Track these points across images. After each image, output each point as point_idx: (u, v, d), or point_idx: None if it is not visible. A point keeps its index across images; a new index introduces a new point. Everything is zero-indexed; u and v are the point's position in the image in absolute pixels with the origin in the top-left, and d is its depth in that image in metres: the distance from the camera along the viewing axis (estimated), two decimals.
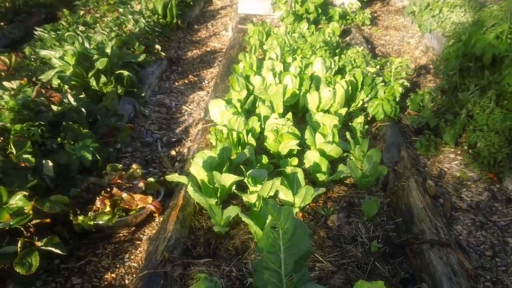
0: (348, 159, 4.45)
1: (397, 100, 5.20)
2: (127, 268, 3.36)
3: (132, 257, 3.47)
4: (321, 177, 4.02)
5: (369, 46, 7.96)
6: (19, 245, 2.92)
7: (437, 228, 3.41)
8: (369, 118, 5.32)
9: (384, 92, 5.22)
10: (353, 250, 3.31)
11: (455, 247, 3.32)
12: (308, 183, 3.94)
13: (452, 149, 4.94)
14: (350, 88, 5.26)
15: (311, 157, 4.13)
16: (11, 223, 2.97)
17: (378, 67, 6.08)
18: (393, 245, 3.44)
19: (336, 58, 6.10)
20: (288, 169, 3.85)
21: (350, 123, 4.98)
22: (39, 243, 3.03)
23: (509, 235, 3.69)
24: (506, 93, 4.40)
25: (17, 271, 2.80)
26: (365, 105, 5.43)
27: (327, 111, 5.08)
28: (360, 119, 4.89)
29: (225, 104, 4.75)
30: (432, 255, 3.12)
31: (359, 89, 5.42)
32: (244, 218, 3.21)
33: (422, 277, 3.04)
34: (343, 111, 5.00)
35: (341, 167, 4.11)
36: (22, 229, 3.07)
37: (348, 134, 4.47)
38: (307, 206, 3.81)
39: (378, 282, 1.85)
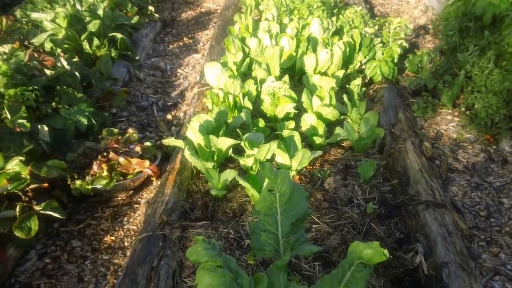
0: (345, 121, 4.44)
1: (395, 61, 5.15)
2: (126, 230, 3.40)
3: (130, 220, 3.50)
4: (318, 140, 4.02)
5: (368, 6, 7.82)
6: (17, 209, 2.93)
7: (433, 189, 3.43)
8: (366, 80, 5.28)
9: (382, 54, 5.16)
10: (349, 211, 3.34)
11: (450, 208, 3.36)
12: (305, 146, 3.94)
13: (450, 111, 4.93)
14: (348, 49, 5.19)
15: (308, 120, 4.12)
16: (9, 188, 2.98)
17: (376, 27, 5.99)
18: (388, 206, 3.47)
19: (334, 18, 6.00)
20: (285, 132, 3.85)
21: (347, 85, 4.94)
22: (37, 208, 3.05)
23: (504, 195, 3.73)
24: (506, 54, 4.35)
25: (17, 235, 2.83)
26: (363, 67, 5.37)
27: (325, 74, 5.03)
28: (357, 81, 4.85)
29: (221, 67, 4.70)
30: (427, 216, 3.15)
31: (357, 51, 5.35)
32: (241, 181, 3.23)
33: (417, 237, 3.09)
34: (341, 73, 4.95)
35: (338, 130, 4.11)
36: (20, 194, 3.08)
37: (345, 97, 4.45)
38: (304, 169, 3.82)
39: (373, 242, 1.87)
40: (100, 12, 5.58)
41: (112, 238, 3.33)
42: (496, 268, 3.02)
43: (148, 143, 3.97)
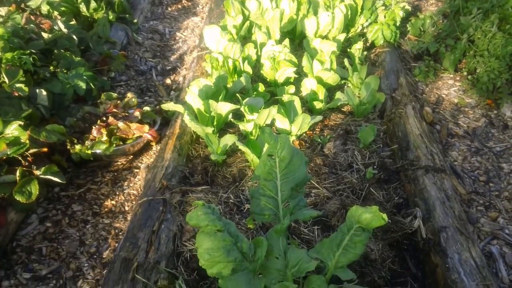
0: (345, 86, 4.40)
1: (398, 24, 5.06)
2: (126, 195, 3.42)
3: (131, 184, 3.51)
4: (318, 105, 3.99)
5: None
6: (17, 174, 2.94)
7: (433, 154, 3.43)
8: (368, 44, 5.21)
9: (384, 17, 5.07)
10: (349, 176, 3.35)
11: (450, 173, 3.37)
12: (305, 111, 3.92)
13: (451, 75, 4.89)
14: (349, 12, 5.10)
15: (308, 84, 4.08)
16: (8, 153, 2.97)
17: None
18: (388, 171, 3.48)
19: None
20: (285, 97, 3.82)
21: (348, 49, 4.88)
22: (37, 172, 3.05)
23: (504, 160, 3.73)
24: (509, 17, 4.27)
25: (17, 199, 2.84)
26: (365, 31, 5.29)
27: (325, 37, 4.96)
28: (359, 45, 4.78)
29: (220, 30, 4.62)
30: (426, 181, 3.16)
31: (359, 14, 5.26)
32: (241, 147, 3.22)
33: (415, 202, 3.10)
34: (342, 37, 4.88)
35: (338, 94, 4.08)
36: (20, 158, 3.08)
37: (346, 61, 4.39)
38: (304, 134, 3.81)
39: (372, 207, 1.87)
40: None
41: (113, 202, 3.35)
42: (494, 232, 3.05)
43: (147, 108, 3.95)
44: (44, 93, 3.56)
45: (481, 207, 3.29)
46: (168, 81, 4.86)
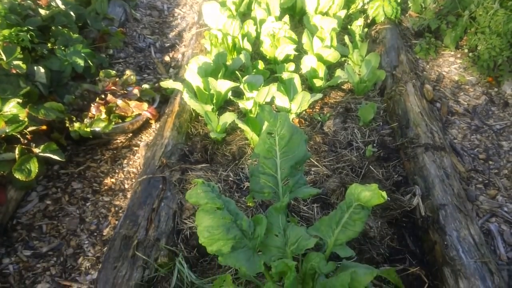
0: (346, 63, 4.37)
1: (399, 1, 5.00)
2: (126, 173, 3.42)
3: (130, 162, 3.51)
4: (318, 82, 3.97)
5: None
6: (16, 151, 2.93)
7: (433, 132, 3.42)
8: (368, 21, 5.15)
9: None
10: (348, 154, 3.35)
11: (449, 151, 3.37)
12: (304, 88, 3.90)
13: (452, 52, 4.85)
14: None
15: (308, 62, 4.05)
16: (7, 131, 2.96)
17: None
18: (387, 149, 3.48)
19: None
20: (285, 75, 3.79)
21: (349, 26, 4.82)
22: (36, 150, 3.05)
23: (503, 138, 3.73)
24: None
25: (17, 177, 2.84)
26: (365, 7, 5.22)
27: (326, 14, 4.90)
28: (359, 21, 4.73)
29: (219, 6, 4.55)
30: (426, 159, 3.16)
31: None
32: (241, 124, 3.21)
33: (415, 179, 3.11)
34: (342, 13, 4.82)
35: (338, 72, 4.05)
36: (18, 136, 3.07)
37: (346, 38, 4.35)
38: (304, 112, 3.80)
39: (372, 185, 1.87)
40: None
41: (112, 180, 3.35)
42: (493, 210, 3.06)
43: (146, 86, 3.92)
44: (42, 70, 3.53)
45: (480, 185, 3.29)
46: (167, 58, 4.82)
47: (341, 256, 2.00)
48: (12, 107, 3.04)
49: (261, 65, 4.04)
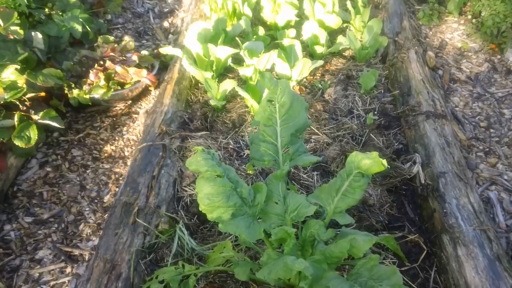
0: (347, 30, 4.30)
1: None
2: (125, 140, 3.41)
3: (130, 130, 3.50)
4: (319, 49, 3.92)
5: None
6: (16, 118, 2.91)
7: (434, 99, 3.40)
8: None
9: None
10: (349, 122, 3.33)
11: (451, 119, 3.35)
12: (305, 55, 3.85)
13: (456, 19, 4.77)
14: None
15: (310, 28, 3.98)
16: (6, 97, 2.93)
17: None
18: (388, 117, 3.46)
19: None
20: (286, 41, 3.74)
21: None
22: (35, 117, 3.03)
23: (505, 106, 3.70)
24: None
25: (16, 144, 2.83)
26: None
27: None
28: None
29: None
30: (427, 126, 3.15)
31: None
32: (241, 92, 3.18)
33: (415, 147, 3.10)
34: None
35: (340, 38, 3.99)
36: (17, 103, 3.04)
37: (348, 3, 4.26)
38: (304, 79, 3.76)
39: (372, 152, 1.86)
40: None
41: (112, 147, 3.35)
42: (493, 178, 3.07)
43: (145, 52, 3.87)
44: (40, 36, 3.47)
45: (480, 153, 3.29)
46: (166, 24, 4.74)
47: (341, 223, 2.01)
48: (10, 73, 3.00)
49: (261, 31, 3.98)
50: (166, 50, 3.51)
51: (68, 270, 2.55)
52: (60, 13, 3.78)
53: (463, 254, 2.28)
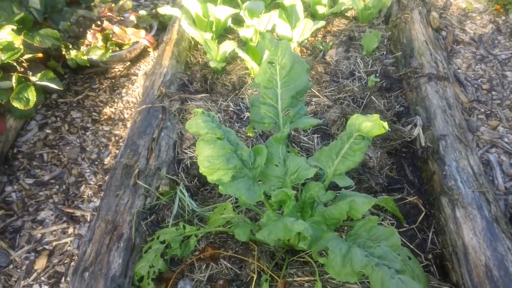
0: None
1: None
2: (125, 102, 3.39)
3: (129, 92, 3.48)
4: (321, 9, 3.84)
5: None
6: (13, 80, 2.88)
7: (437, 61, 3.36)
8: None
9: None
10: (350, 84, 3.30)
11: (453, 81, 3.31)
12: (307, 16, 3.78)
13: None
14: None
15: None
16: (3, 58, 2.90)
17: None
18: (390, 79, 3.42)
19: None
20: (287, 1, 3.66)
21: None
22: (34, 78, 3.00)
23: (508, 68, 3.66)
24: None
25: (15, 105, 2.81)
26: None
27: None
28: None
29: None
30: (428, 89, 3.12)
31: None
32: (241, 53, 3.14)
33: (416, 110, 3.08)
34: None
35: None
36: (15, 64, 3.01)
37: None
38: (306, 41, 3.70)
39: (373, 115, 1.85)
40: None
41: (112, 109, 3.33)
42: (493, 140, 3.06)
43: (143, 12, 3.80)
44: None
45: (482, 116, 3.27)
46: None
47: (340, 185, 2.02)
48: (6, 34, 2.95)
49: None
50: (165, 10, 3.44)
51: (70, 230, 2.58)
52: None
53: (461, 216, 2.29)
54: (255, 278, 2.07)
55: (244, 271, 2.17)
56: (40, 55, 3.17)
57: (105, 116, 3.28)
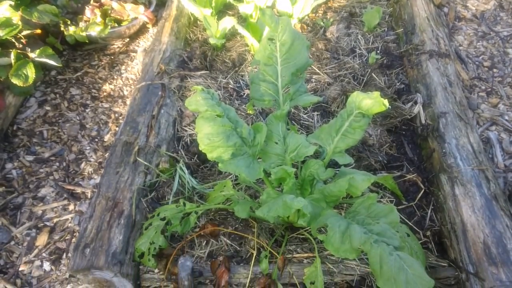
0: None
1: None
2: (124, 79, 3.38)
3: (128, 69, 3.46)
4: None
5: None
6: (12, 56, 2.87)
7: (438, 38, 3.33)
8: None
9: None
10: (351, 62, 3.28)
11: (454, 58, 3.29)
12: None
13: None
14: None
15: None
16: (1, 35, 2.87)
17: None
18: (391, 56, 3.40)
19: None
20: None
21: None
22: (32, 55, 2.98)
23: (510, 46, 3.63)
24: None
25: (14, 82, 2.80)
26: None
27: None
28: None
29: None
30: (429, 66, 3.10)
31: None
32: (241, 30, 3.11)
33: (417, 87, 3.07)
34: None
35: None
36: (13, 40, 2.99)
37: None
38: (306, 17, 3.67)
39: (374, 92, 1.84)
40: None
41: (111, 86, 3.32)
42: (494, 118, 3.06)
43: None
44: None
45: (482, 93, 3.26)
46: None
47: (340, 163, 2.02)
48: (4, 9, 2.93)
49: None
50: None
51: (71, 207, 2.60)
52: None
53: (460, 193, 2.30)
54: (254, 255, 2.09)
55: (244, 247, 2.19)
56: (39, 31, 3.14)
57: (105, 93, 3.27)
